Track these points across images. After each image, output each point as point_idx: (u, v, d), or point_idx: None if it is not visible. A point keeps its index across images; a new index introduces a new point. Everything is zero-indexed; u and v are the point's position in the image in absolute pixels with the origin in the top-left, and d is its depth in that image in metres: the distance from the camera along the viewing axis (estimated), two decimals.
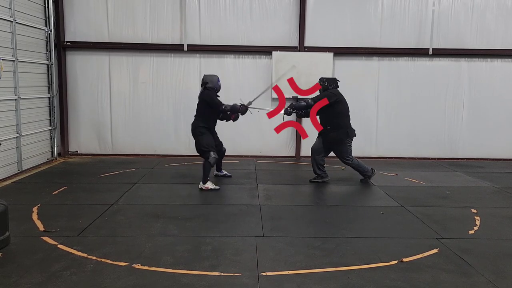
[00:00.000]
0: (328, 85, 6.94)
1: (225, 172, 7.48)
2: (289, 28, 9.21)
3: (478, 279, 3.74)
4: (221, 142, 7.16)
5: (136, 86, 9.27)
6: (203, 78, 6.83)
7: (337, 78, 7.14)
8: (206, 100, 6.63)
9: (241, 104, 6.78)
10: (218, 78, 6.86)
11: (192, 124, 6.83)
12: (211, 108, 6.69)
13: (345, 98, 7.12)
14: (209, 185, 6.58)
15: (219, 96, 6.79)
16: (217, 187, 6.61)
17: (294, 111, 7.06)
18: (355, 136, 7.04)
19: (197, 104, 6.80)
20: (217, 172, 7.44)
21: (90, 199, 6.00)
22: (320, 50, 9.16)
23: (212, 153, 6.58)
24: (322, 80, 7.05)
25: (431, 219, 5.36)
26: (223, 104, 6.65)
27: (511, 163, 9.40)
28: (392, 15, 9.21)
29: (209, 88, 6.71)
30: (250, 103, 6.88)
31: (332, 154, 7.30)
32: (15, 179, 7.13)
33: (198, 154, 6.85)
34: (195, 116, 6.84)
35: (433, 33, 9.20)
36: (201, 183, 6.61)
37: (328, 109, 6.75)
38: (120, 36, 9.08)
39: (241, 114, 6.93)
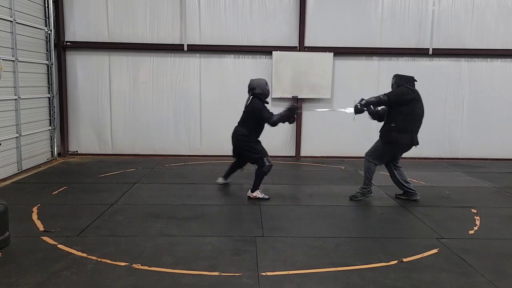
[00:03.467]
0: (404, 83, 5.92)
1: (229, 181, 6.94)
2: (289, 28, 9.20)
3: (478, 279, 3.73)
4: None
5: (136, 86, 9.27)
6: (250, 83, 6.28)
7: (414, 78, 6.07)
8: (257, 112, 6.08)
9: (288, 108, 6.14)
10: (266, 82, 6.31)
11: (236, 130, 6.36)
12: (260, 121, 6.16)
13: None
14: (258, 193, 6.11)
15: (267, 102, 6.30)
16: (267, 197, 6.11)
17: (365, 108, 5.98)
18: (416, 145, 6.02)
19: (246, 110, 6.25)
20: (222, 180, 6.89)
21: (90, 199, 5.99)
22: (320, 50, 9.16)
23: (266, 160, 6.11)
24: (397, 76, 6.01)
25: (431, 219, 5.36)
26: (272, 116, 6.11)
27: (511, 163, 9.40)
28: (392, 15, 9.21)
29: (257, 94, 6.16)
30: (291, 106, 6.28)
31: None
32: (15, 179, 7.13)
33: (251, 162, 6.37)
34: (240, 124, 6.35)
35: (433, 33, 9.20)
36: (249, 191, 6.19)
37: (401, 107, 5.77)
38: (120, 36, 9.08)
39: (289, 122, 6.31)
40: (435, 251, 4.33)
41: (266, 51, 9.16)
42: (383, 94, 5.81)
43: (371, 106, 5.94)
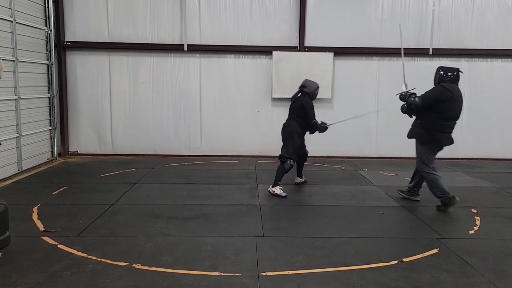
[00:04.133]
0: (445, 76, 5.62)
1: (305, 179, 7.13)
2: (289, 28, 9.21)
3: (478, 279, 3.73)
4: (305, 145, 6.87)
5: (136, 86, 9.27)
6: (304, 81, 6.65)
7: (459, 70, 5.70)
8: (305, 107, 6.44)
9: (322, 123, 6.60)
10: (318, 87, 6.68)
11: (287, 123, 6.61)
12: (305, 116, 6.49)
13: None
14: (277, 190, 6.30)
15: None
16: (285, 194, 6.26)
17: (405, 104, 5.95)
18: (448, 144, 5.66)
19: (294, 106, 6.59)
20: (299, 179, 7.06)
21: (90, 199, 6.00)
22: (320, 50, 9.16)
23: (291, 161, 6.36)
24: (441, 69, 5.74)
25: (431, 219, 5.36)
26: (315, 118, 6.51)
27: (511, 163, 9.40)
28: (392, 15, 9.21)
29: (306, 92, 6.56)
30: (329, 125, 6.71)
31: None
32: (15, 179, 7.13)
33: (279, 154, 6.56)
34: (292, 116, 6.59)
35: (433, 33, 9.20)
36: (270, 186, 6.42)
37: (434, 106, 5.51)
38: (120, 36, 9.08)
39: (319, 132, 6.71)
40: (435, 251, 4.33)
41: (266, 51, 9.16)
42: (418, 97, 5.63)
43: (406, 104, 5.90)
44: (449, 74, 5.62)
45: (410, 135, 5.90)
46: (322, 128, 6.59)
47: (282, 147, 6.59)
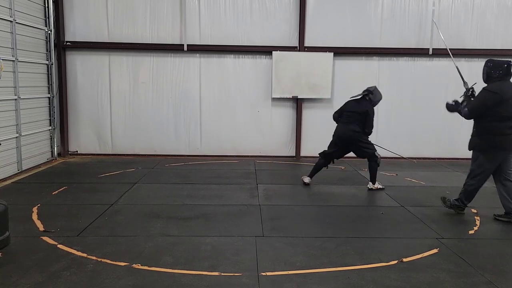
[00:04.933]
0: (493, 72, 5.09)
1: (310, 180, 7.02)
2: (289, 28, 9.20)
3: (478, 279, 3.73)
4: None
5: (136, 86, 9.27)
6: (372, 88, 6.72)
7: (510, 62, 5.09)
8: (370, 116, 6.56)
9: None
10: (381, 99, 6.82)
11: (348, 127, 6.65)
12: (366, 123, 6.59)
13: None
14: (378, 185, 6.74)
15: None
16: (383, 186, 6.76)
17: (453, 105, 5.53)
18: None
19: (356, 110, 6.59)
20: (308, 180, 6.97)
21: (90, 199, 5.99)
22: (320, 50, 9.16)
23: (377, 153, 6.62)
24: (489, 63, 5.17)
25: (431, 219, 5.36)
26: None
27: None
28: (392, 15, 9.21)
29: (369, 99, 6.67)
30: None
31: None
32: (15, 179, 7.13)
33: (362, 157, 6.88)
34: (352, 120, 6.62)
35: (433, 33, 9.19)
36: (370, 183, 6.76)
37: (486, 111, 5.04)
38: (120, 36, 9.08)
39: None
40: (435, 251, 4.33)
41: (266, 51, 9.16)
42: (465, 107, 5.21)
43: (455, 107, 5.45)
44: (497, 71, 5.07)
45: (472, 148, 5.32)
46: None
47: (358, 152, 6.78)
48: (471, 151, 5.34)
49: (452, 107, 5.49)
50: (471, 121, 6.11)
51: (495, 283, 3.66)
